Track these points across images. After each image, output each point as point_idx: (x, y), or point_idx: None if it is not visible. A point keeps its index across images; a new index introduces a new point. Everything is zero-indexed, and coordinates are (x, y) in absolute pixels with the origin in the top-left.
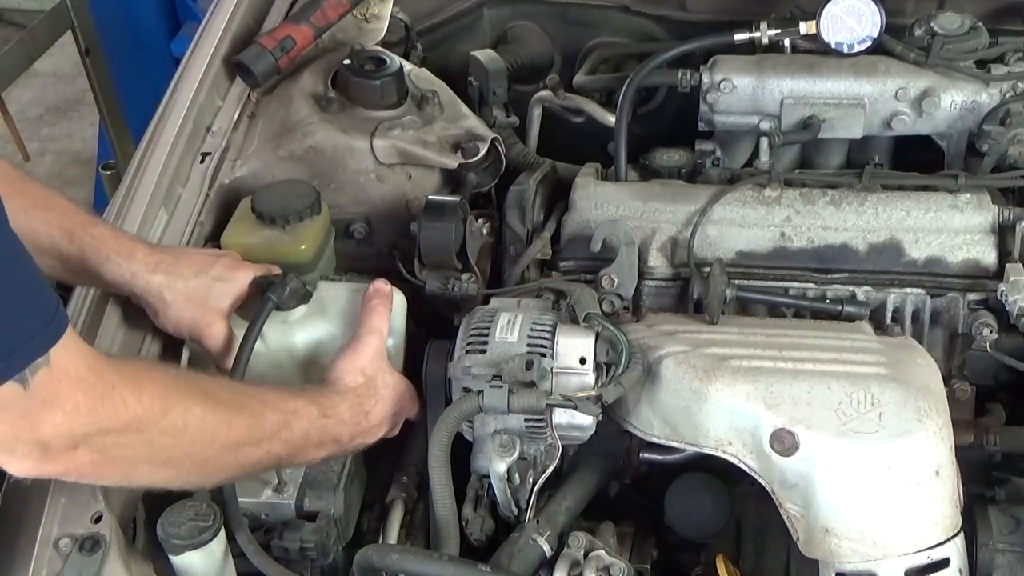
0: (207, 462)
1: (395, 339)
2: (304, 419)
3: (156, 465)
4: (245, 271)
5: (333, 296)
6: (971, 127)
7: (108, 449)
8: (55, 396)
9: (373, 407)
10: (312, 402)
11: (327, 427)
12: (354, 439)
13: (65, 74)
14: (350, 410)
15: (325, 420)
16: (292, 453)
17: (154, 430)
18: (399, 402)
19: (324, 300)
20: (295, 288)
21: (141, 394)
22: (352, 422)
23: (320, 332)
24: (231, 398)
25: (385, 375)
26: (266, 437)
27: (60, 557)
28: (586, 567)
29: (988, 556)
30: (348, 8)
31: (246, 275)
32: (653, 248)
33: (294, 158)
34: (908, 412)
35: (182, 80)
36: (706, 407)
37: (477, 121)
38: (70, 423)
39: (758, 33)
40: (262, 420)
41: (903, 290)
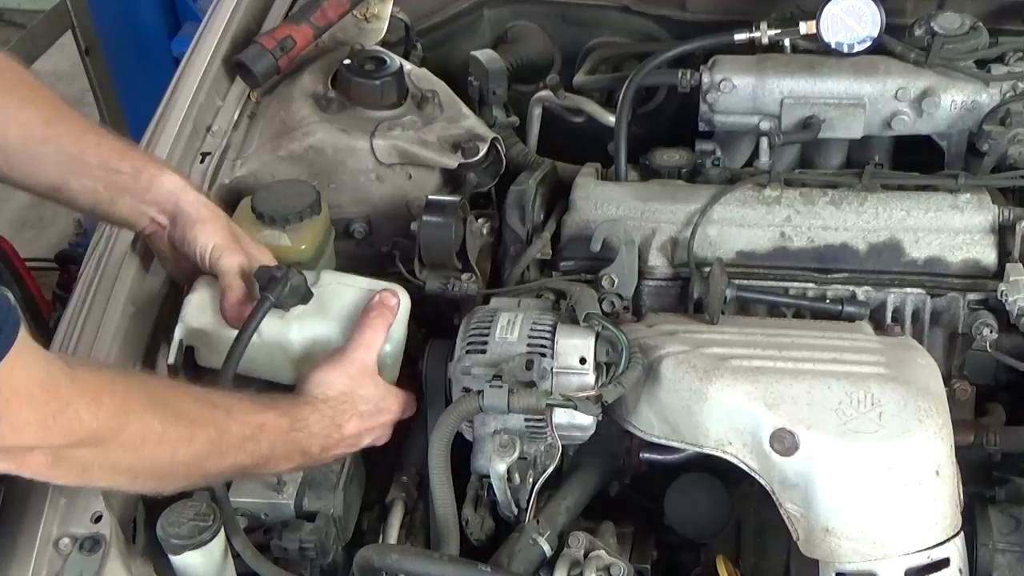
0: (166, 473)
1: (392, 346)
2: (272, 432)
3: (113, 473)
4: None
5: (336, 294)
6: (971, 127)
7: (63, 456)
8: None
9: (347, 421)
10: (284, 414)
11: (296, 440)
12: (324, 451)
13: (65, 74)
14: (320, 423)
15: (294, 433)
16: (258, 464)
17: (111, 444)
18: (381, 416)
19: (326, 297)
20: (296, 286)
21: (98, 409)
22: (322, 435)
23: (317, 331)
24: (195, 411)
25: (367, 390)
26: (230, 450)
27: (60, 557)
28: (586, 567)
29: (988, 556)
30: (348, 8)
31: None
32: (653, 248)
33: (294, 158)
34: (908, 412)
35: (182, 80)
36: (706, 407)
37: (477, 121)
38: (19, 437)
39: (758, 33)
40: (226, 433)
41: (903, 290)
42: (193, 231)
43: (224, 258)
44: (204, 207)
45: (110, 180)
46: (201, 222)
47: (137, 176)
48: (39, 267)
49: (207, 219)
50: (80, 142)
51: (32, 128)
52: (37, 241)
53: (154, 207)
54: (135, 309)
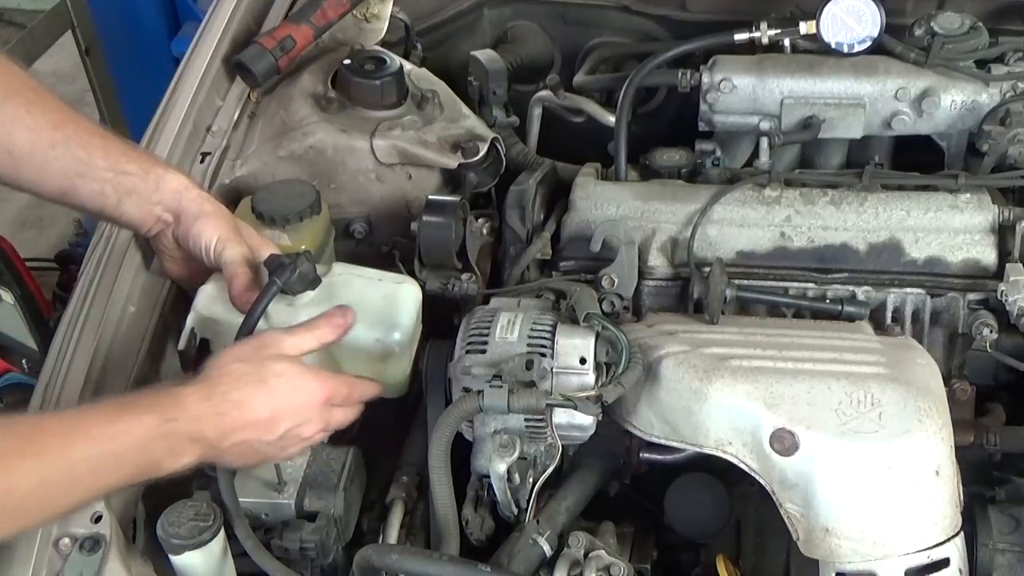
0: (4, 518)
1: (401, 335)
2: (137, 435)
3: None
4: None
5: (346, 283)
6: (971, 127)
7: None
8: None
9: (250, 396)
10: (148, 410)
11: (175, 431)
12: (227, 435)
13: (65, 74)
14: (199, 403)
15: (169, 425)
16: (143, 471)
17: None
18: (300, 395)
19: (334, 286)
20: (304, 272)
21: None
22: (211, 416)
23: None
24: (17, 447)
25: (277, 364)
26: (79, 477)
27: (60, 557)
28: (586, 567)
29: (988, 556)
30: (348, 8)
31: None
32: (653, 248)
33: (294, 158)
34: (908, 412)
35: (182, 80)
36: (706, 407)
37: (477, 121)
38: None
39: (758, 33)
40: (62, 462)
41: (903, 290)
42: (196, 226)
43: (228, 249)
44: (207, 202)
45: (118, 182)
46: (204, 216)
47: (144, 177)
48: (39, 267)
49: (210, 213)
50: (88, 145)
51: (40, 132)
52: (37, 241)
53: (159, 206)
54: (135, 309)
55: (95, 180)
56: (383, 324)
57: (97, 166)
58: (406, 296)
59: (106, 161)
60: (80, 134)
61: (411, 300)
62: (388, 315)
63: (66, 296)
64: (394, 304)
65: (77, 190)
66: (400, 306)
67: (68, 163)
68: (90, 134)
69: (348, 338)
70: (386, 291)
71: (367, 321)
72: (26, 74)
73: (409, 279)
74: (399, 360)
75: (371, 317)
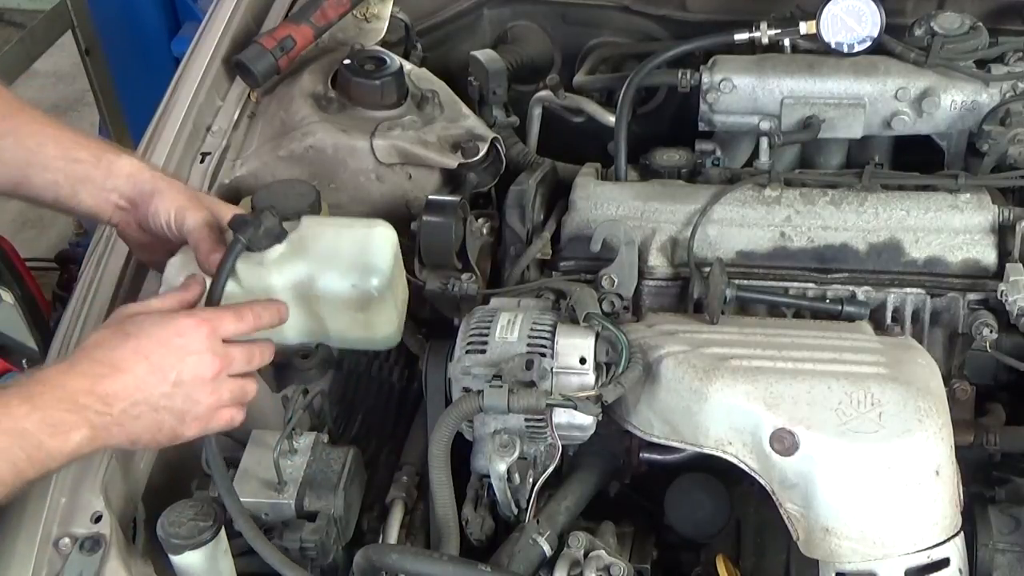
0: None
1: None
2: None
3: None
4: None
5: (317, 235)
6: (971, 127)
7: None
8: None
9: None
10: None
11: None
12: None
13: (65, 74)
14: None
15: (32, 402)
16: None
17: None
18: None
19: (305, 239)
20: (269, 227)
21: None
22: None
23: (297, 273)
24: None
25: (136, 316)
26: None
27: (60, 557)
28: (586, 567)
29: (988, 556)
30: (348, 8)
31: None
32: (653, 248)
33: (294, 158)
34: (908, 412)
35: (182, 80)
36: (706, 407)
37: (477, 121)
38: None
39: (758, 33)
40: None
41: (903, 290)
42: (153, 204)
43: (188, 217)
44: (160, 180)
45: (70, 170)
46: (159, 193)
47: (96, 163)
48: (39, 267)
49: (164, 188)
50: (38, 135)
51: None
52: (37, 241)
53: (115, 193)
54: None
55: (47, 170)
56: (358, 269)
57: (48, 155)
58: (380, 239)
59: (57, 150)
60: (30, 123)
61: (386, 242)
62: (362, 259)
63: (66, 296)
64: (368, 248)
65: (30, 180)
66: (374, 249)
67: (18, 153)
68: (40, 123)
69: (325, 289)
70: (358, 236)
71: (341, 268)
72: None
73: (382, 222)
74: (382, 307)
75: (345, 263)
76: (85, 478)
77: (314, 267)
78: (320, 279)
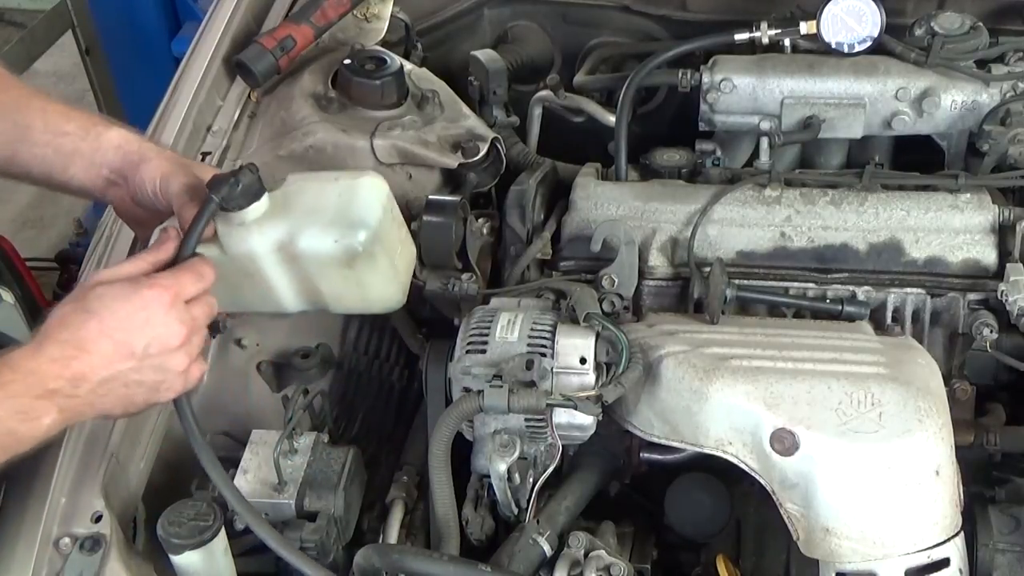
0: None
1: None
2: None
3: None
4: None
5: (298, 190)
6: (971, 127)
7: None
8: None
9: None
10: None
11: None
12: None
13: (65, 74)
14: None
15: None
16: None
17: None
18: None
19: (288, 196)
20: (247, 184)
21: None
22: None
23: (279, 232)
24: None
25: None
26: None
27: (60, 557)
28: (586, 567)
29: (988, 556)
30: (348, 8)
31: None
32: (653, 248)
33: (294, 158)
34: (908, 412)
35: (182, 80)
36: (706, 407)
37: (477, 121)
38: None
39: (758, 33)
40: None
41: (903, 290)
42: (139, 173)
43: (172, 184)
44: (148, 149)
45: (58, 144)
46: (145, 161)
47: (84, 135)
48: (39, 267)
49: (150, 157)
50: (26, 108)
51: None
52: (37, 241)
53: (105, 167)
54: None
55: (36, 144)
56: (342, 223)
57: (36, 128)
58: (367, 189)
59: (44, 123)
60: (18, 99)
61: (374, 193)
62: (347, 212)
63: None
64: (353, 199)
65: (19, 155)
66: (360, 200)
67: (5, 128)
68: (29, 97)
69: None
70: (343, 188)
71: (323, 223)
72: None
73: (371, 172)
74: (373, 264)
75: (328, 218)
76: (85, 478)
77: (296, 224)
78: (302, 236)
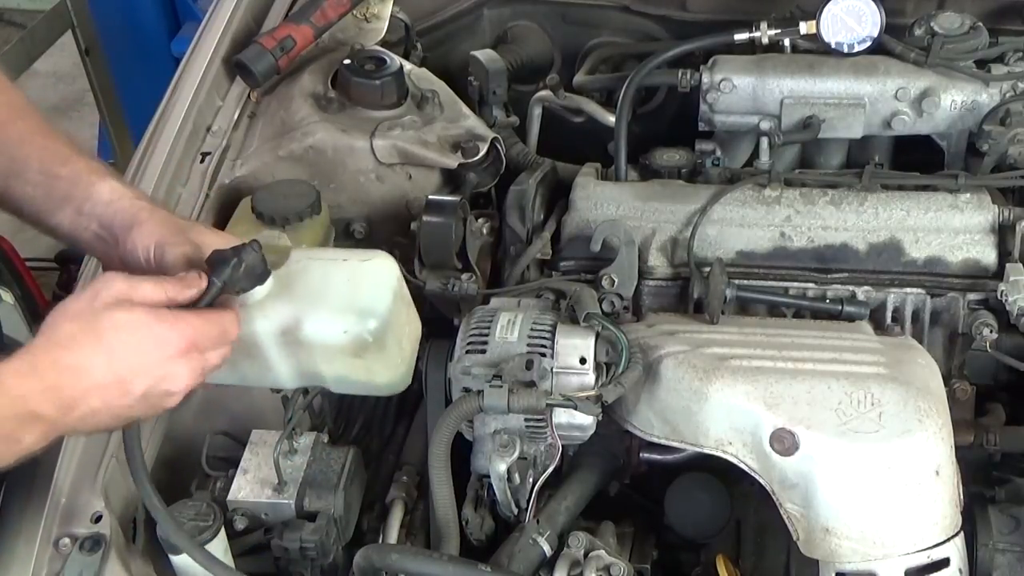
0: None
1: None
2: None
3: None
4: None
5: (304, 270)
6: (971, 127)
7: None
8: None
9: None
10: None
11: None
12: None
13: (65, 74)
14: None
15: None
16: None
17: None
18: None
19: (292, 276)
20: (251, 265)
21: None
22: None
23: (283, 315)
24: None
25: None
26: None
27: (60, 557)
28: (586, 567)
29: (988, 556)
30: (348, 8)
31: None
32: (653, 248)
33: (294, 158)
34: (908, 412)
35: (182, 80)
36: (706, 407)
37: (477, 121)
38: None
39: (758, 33)
40: None
41: (903, 290)
42: (131, 237)
43: (167, 253)
44: (141, 210)
45: (50, 187)
46: (138, 225)
47: (75, 184)
48: (39, 267)
49: (144, 220)
50: (27, 145)
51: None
52: (37, 241)
53: (94, 221)
54: None
55: (28, 184)
56: (350, 311)
57: (32, 168)
58: (376, 274)
59: (40, 163)
60: (21, 134)
61: (383, 278)
62: (355, 299)
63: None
64: (361, 285)
65: (12, 192)
66: (369, 287)
67: (2, 162)
68: (33, 133)
69: (314, 335)
70: (351, 271)
71: (331, 310)
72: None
73: (381, 253)
74: (382, 352)
75: (336, 305)
76: (85, 478)
77: (301, 309)
78: (308, 323)
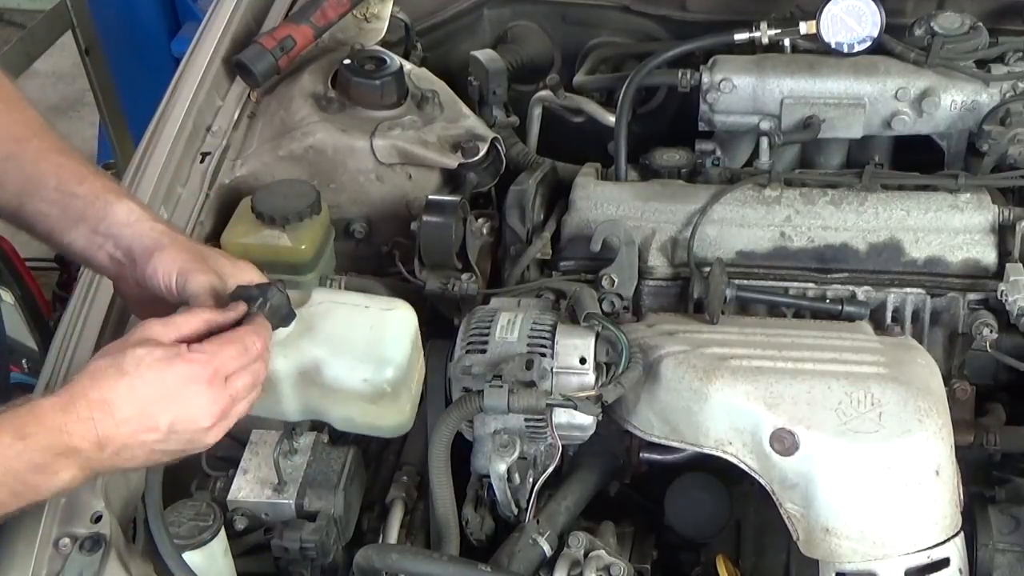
0: None
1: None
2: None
3: None
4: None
5: (327, 313)
6: (971, 127)
7: None
8: None
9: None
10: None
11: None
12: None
13: (65, 74)
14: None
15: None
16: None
17: None
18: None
19: (314, 317)
20: (276, 305)
21: None
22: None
23: (304, 358)
24: None
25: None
26: None
27: (60, 557)
28: (586, 567)
29: (988, 556)
30: (348, 8)
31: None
32: (653, 248)
33: (294, 158)
34: (908, 412)
35: (182, 80)
36: (706, 407)
37: (477, 121)
38: None
39: (758, 33)
40: None
41: (903, 290)
42: (152, 263)
43: (191, 282)
44: (162, 235)
45: (65, 205)
46: (159, 250)
47: (92, 203)
48: (39, 267)
49: (166, 245)
50: (42, 162)
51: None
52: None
53: (110, 241)
54: None
55: (43, 201)
56: (371, 360)
57: (46, 185)
58: (398, 324)
59: (56, 180)
60: (37, 152)
61: (404, 328)
62: (376, 349)
63: (66, 296)
64: (383, 335)
65: (24, 209)
66: (391, 337)
67: (18, 179)
68: (49, 151)
69: (333, 379)
70: (374, 320)
71: (353, 357)
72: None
73: (401, 302)
74: (395, 400)
75: (357, 353)
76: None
77: (323, 352)
78: (329, 368)
